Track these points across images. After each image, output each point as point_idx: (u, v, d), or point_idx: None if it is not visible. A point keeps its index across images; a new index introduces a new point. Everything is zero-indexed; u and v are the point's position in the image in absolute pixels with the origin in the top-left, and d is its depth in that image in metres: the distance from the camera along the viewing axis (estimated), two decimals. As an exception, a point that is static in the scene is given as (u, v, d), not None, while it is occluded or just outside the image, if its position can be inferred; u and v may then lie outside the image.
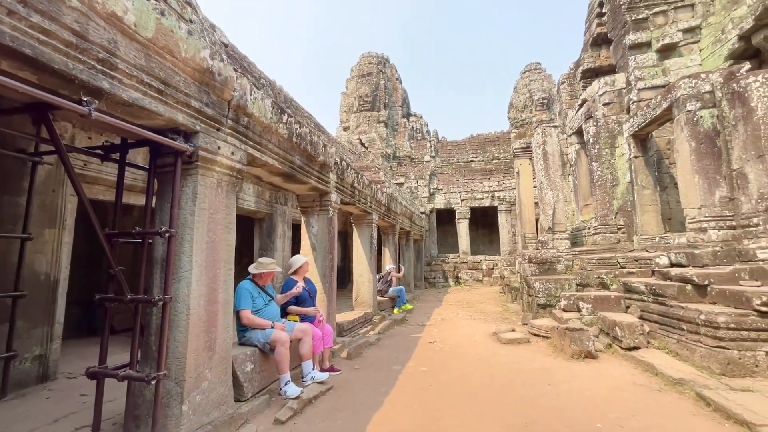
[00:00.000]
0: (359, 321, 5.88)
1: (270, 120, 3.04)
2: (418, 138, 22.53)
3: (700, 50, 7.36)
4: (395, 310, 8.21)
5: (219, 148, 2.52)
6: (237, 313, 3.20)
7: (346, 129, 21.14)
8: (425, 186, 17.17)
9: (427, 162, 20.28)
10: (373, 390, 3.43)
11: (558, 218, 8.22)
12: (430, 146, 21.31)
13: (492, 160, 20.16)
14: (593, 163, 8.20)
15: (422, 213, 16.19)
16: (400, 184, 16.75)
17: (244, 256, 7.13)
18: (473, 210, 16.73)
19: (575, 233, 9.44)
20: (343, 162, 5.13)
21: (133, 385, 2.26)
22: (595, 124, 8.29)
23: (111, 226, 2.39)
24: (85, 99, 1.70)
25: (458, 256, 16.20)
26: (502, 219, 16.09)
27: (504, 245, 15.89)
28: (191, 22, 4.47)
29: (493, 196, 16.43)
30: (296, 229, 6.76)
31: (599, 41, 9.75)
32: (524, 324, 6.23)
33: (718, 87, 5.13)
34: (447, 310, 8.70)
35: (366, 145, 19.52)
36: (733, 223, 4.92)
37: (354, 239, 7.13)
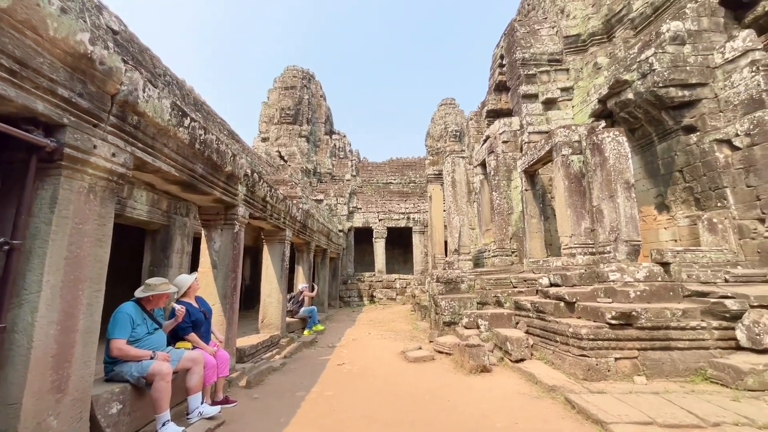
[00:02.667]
0: (264, 345, 5.47)
1: (168, 122, 2.73)
2: (341, 156, 22.71)
3: (573, 106, 8.97)
4: (306, 332, 7.87)
5: (95, 147, 2.15)
6: (108, 343, 2.70)
7: (264, 140, 20.24)
8: (345, 204, 17.23)
9: (348, 180, 20.46)
10: (271, 421, 3.17)
11: (463, 241, 8.95)
12: (352, 165, 21.62)
13: (409, 183, 21.26)
14: (493, 193, 9.21)
15: (340, 231, 16.13)
16: (319, 201, 16.51)
17: (128, 274, 6.13)
18: (390, 230, 17.28)
19: (478, 255, 10.38)
20: (255, 174, 4.85)
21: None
22: (495, 158, 9.37)
23: None
24: None
25: (374, 274, 16.44)
26: (416, 240, 16.92)
27: (417, 265, 16.67)
28: (75, -1, 3.85)
29: (408, 218, 17.22)
30: (199, 243, 6.10)
31: (500, 87, 11.21)
32: (430, 342, 6.52)
33: (584, 138, 6.28)
34: (359, 330, 8.66)
35: (285, 158, 18.91)
36: (593, 250, 5.95)
37: (264, 256, 6.71)
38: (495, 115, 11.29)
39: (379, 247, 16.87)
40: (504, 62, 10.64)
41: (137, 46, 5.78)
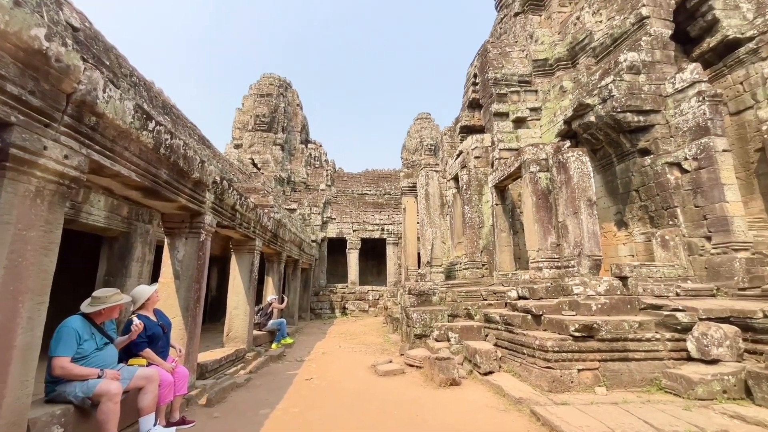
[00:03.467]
0: (228, 359, 5.22)
1: (130, 125, 2.60)
2: (316, 165, 22.54)
3: (541, 126, 9.41)
4: (273, 345, 7.61)
5: (45, 148, 2.01)
6: (50, 361, 2.48)
7: (237, 146, 19.79)
8: (318, 214, 17.04)
9: (322, 190, 20.30)
10: (232, 442, 3.01)
11: (436, 253, 9.04)
12: (327, 175, 21.50)
13: (384, 194, 21.38)
14: (465, 207, 9.42)
15: (313, 241, 15.89)
16: (292, 210, 16.24)
17: (79, 284, 5.72)
18: (364, 241, 17.21)
19: (450, 267, 10.51)
20: (225, 181, 4.71)
21: None
22: (468, 173, 9.62)
23: None
24: None
25: (347, 286, 16.25)
26: (390, 251, 16.94)
27: (390, 276, 16.65)
28: (36, -8, 3.65)
29: (383, 229, 17.24)
30: (162, 252, 5.79)
31: (473, 105, 11.59)
32: (401, 355, 6.47)
33: (551, 156, 6.58)
34: (329, 343, 8.47)
35: (259, 166, 18.54)
36: (559, 264, 6.18)
37: (232, 266, 6.48)
38: (468, 131, 11.64)
39: (353, 258, 16.73)
40: (477, 81, 11.04)
41: (102, 45, 5.53)
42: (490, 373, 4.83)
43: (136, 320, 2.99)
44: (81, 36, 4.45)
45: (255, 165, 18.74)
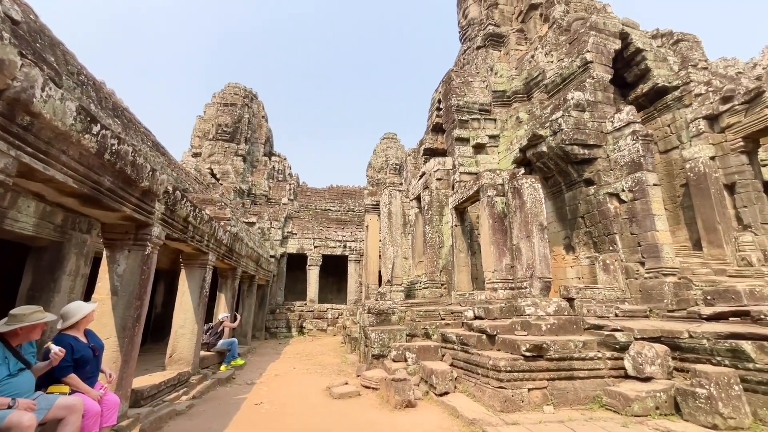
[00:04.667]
0: (169, 384, 4.81)
1: (70, 127, 2.41)
2: (279, 179, 22.08)
3: (499, 153, 9.95)
4: (222, 367, 7.13)
5: (-36, 147, 1.80)
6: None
7: (196, 155, 18.95)
8: (279, 228, 16.56)
9: (284, 204, 19.84)
10: (166, 478, 2.73)
11: (396, 272, 9.08)
12: (290, 189, 21.10)
13: (348, 211, 21.31)
14: (426, 226, 9.61)
15: (272, 256, 15.36)
16: (251, 224, 15.67)
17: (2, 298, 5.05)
18: (325, 258, 16.91)
19: (410, 286, 10.58)
20: (178, 192, 4.46)
21: None
22: (429, 194, 9.88)
23: None
24: None
25: (305, 304, 15.77)
26: (351, 269, 16.76)
27: (351, 294, 16.41)
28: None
29: (345, 246, 17.08)
30: (98, 264, 5.28)
31: (437, 128, 12.06)
32: (358, 376, 6.32)
33: (506, 182, 6.95)
34: (284, 364, 8.10)
35: (218, 176, 17.82)
36: (513, 285, 6.44)
37: (181, 281, 6.07)
38: (431, 153, 12.04)
39: (313, 275, 16.34)
40: (441, 106, 11.54)
41: (48, 39, 5.13)
42: (446, 393, 4.85)
43: (54, 348, 2.64)
44: (23, 29, 4.11)
45: (214, 175, 17.99)
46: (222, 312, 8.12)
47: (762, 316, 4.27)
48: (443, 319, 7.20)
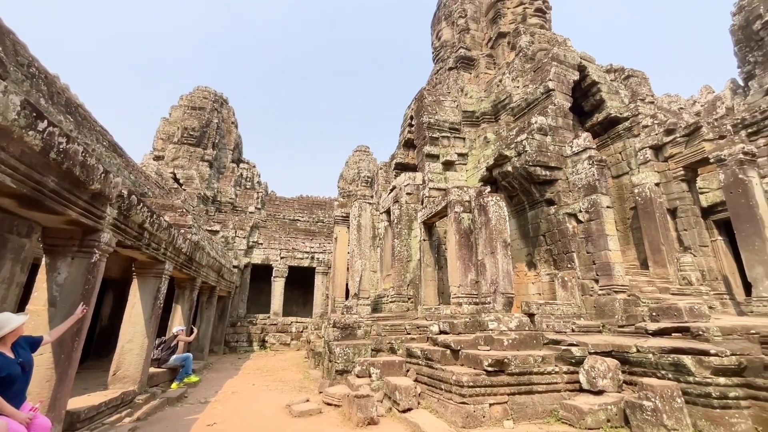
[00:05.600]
0: (110, 405, 4.41)
1: (12, 122, 2.22)
2: (247, 187, 21.46)
3: (467, 170, 10.27)
4: (174, 385, 6.67)
5: None
6: None
7: (158, 158, 18.06)
8: (244, 238, 15.99)
9: (251, 213, 19.26)
10: None
11: (364, 285, 9.00)
12: (258, 197, 20.55)
13: (317, 222, 21.02)
14: (395, 240, 9.66)
15: (235, 267, 14.76)
16: (215, 232, 15.04)
17: None
18: (292, 269, 16.48)
19: (377, 300, 10.51)
20: (134, 196, 4.21)
21: None
22: (399, 208, 9.97)
23: None
24: None
25: (268, 317, 15.20)
26: (319, 281, 16.43)
27: (317, 307, 16.03)
28: None
29: (313, 257, 16.75)
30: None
31: (409, 144, 12.28)
32: (320, 392, 6.13)
33: (473, 199, 7.16)
34: (242, 380, 7.70)
35: (181, 181, 17.05)
36: (477, 300, 6.57)
37: (132, 292, 5.67)
38: (402, 168, 12.21)
39: (278, 287, 15.83)
40: (413, 123, 11.80)
41: (1, 29, 4.75)
42: (409, 410, 4.79)
43: None
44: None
45: (177, 180, 17.19)
46: (177, 325, 7.65)
47: (700, 332, 4.62)
48: (409, 334, 7.19)
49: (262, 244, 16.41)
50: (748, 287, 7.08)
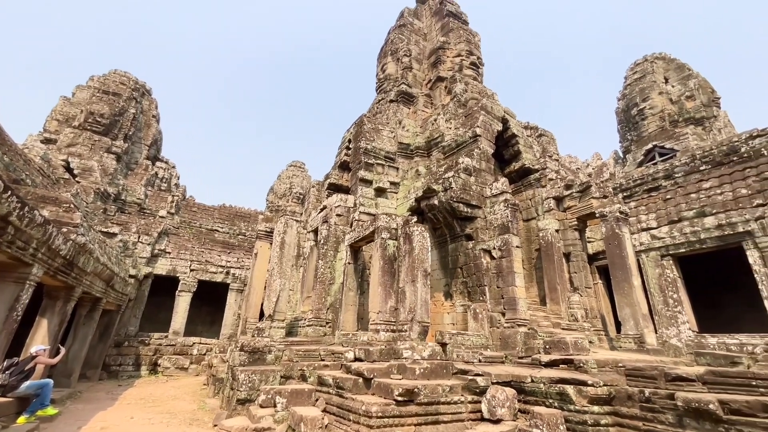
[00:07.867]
0: None
1: None
2: (162, 188, 19.28)
3: (397, 199, 10.62)
4: (21, 419, 5.36)
5: None
6: None
7: (48, 141, 15.40)
8: (149, 244, 14.14)
9: (162, 217, 17.23)
10: None
11: (280, 306, 8.50)
12: (173, 201, 18.54)
13: (238, 235, 19.60)
14: (320, 261, 9.41)
15: (132, 276, 12.86)
16: (112, 235, 13.06)
17: None
18: (202, 284, 14.92)
19: (294, 323, 9.97)
20: None
21: None
22: (328, 228, 9.81)
23: None
24: None
25: (166, 336, 13.40)
26: (232, 299, 15.12)
27: (226, 328, 14.63)
28: None
29: (228, 273, 15.43)
30: None
31: (344, 166, 12.34)
32: (215, 426, 5.47)
33: (400, 227, 7.37)
34: (118, 413, 6.53)
35: (76, 172, 14.67)
36: (395, 327, 6.61)
37: (-23, 300, 4.53)
38: (335, 188, 12.16)
39: (183, 303, 14.14)
40: (351, 146, 11.94)
41: None
42: (313, 444, 4.50)
43: None
44: None
45: (70, 170, 14.75)
46: (39, 344, 6.28)
47: (581, 364, 5.23)
48: (323, 360, 6.89)
49: (170, 253, 14.67)
50: (619, 325, 8.32)
